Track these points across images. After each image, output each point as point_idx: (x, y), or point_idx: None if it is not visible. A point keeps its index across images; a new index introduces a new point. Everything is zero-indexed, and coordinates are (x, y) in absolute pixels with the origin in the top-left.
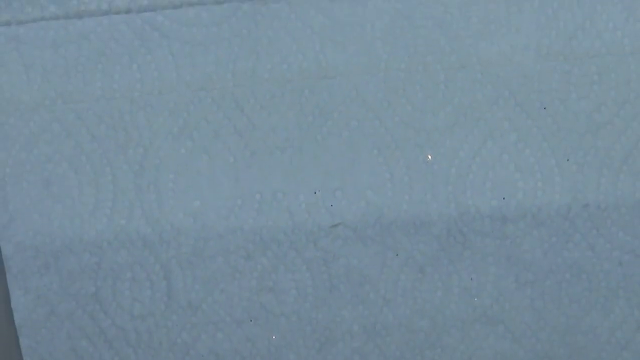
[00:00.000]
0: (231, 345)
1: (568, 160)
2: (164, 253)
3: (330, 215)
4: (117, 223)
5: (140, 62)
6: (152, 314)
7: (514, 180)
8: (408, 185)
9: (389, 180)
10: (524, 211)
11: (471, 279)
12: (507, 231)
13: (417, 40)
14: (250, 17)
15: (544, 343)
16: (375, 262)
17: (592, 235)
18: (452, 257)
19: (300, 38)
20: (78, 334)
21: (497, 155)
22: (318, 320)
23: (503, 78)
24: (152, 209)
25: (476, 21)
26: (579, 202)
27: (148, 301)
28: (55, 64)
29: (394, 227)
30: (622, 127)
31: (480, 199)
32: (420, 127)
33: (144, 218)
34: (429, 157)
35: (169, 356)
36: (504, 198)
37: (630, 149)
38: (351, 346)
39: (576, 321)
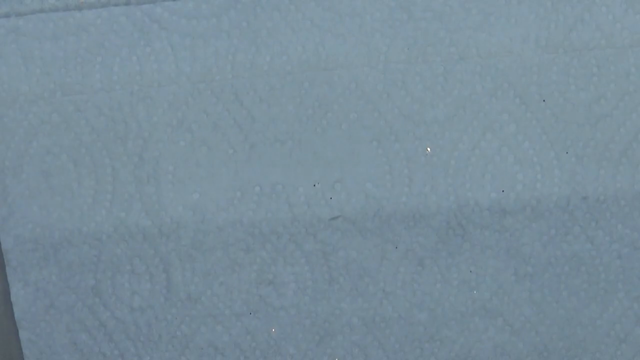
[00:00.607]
0: (230, 338)
1: (567, 152)
2: (163, 246)
3: (329, 208)
4: (116, 215)
5: (140, 54)
6: (151, 306)
7: (513, 172)
8: (407, 177)
9: (388, 172)
10: (523, 204)
11: (470, 271)
12: (507, 224)
13: (416, 32)
14: (250, 9)
15: (543, 336)
16: (374, 255)
17: (591, 227)
18: (451, 250)
19: (300, 30)
20: (77, 326)
21: (496, 147)
22: (317, 313)
23: (502, 70)
24: (151, 201)
25: (475, 13)
26: (578, 195)
27: (147, 294)
28: (54, 56)
29: (393, 220)
30: (622, 120)
31: (479, 192)
32: (420, 120)
33: (144, 211)
34: (428, 149)
35: (168, 349)
36: (503, 190)
37: (629, 141)
38: (350, 339)
39: (575, 314)
